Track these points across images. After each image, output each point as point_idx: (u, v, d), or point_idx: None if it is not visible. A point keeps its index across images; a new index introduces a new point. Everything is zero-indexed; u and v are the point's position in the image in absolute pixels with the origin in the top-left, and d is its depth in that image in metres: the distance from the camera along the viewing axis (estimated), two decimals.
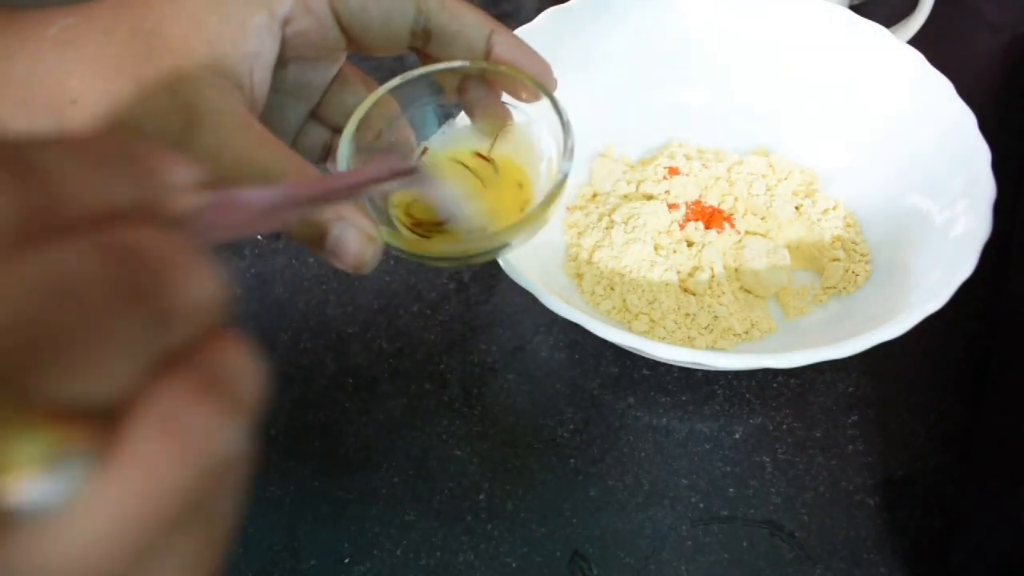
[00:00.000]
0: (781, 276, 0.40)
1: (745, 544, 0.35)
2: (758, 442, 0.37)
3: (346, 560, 0.35)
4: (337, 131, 0.31)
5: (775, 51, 0.45)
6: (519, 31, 0.40)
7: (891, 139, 0.42)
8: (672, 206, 0.42)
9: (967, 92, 0.39)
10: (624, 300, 0.39)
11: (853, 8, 0.47)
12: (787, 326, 0.40)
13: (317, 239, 0.23)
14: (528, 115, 0.29)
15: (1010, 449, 0.33)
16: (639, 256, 0.39)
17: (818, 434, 0.38)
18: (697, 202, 0.42)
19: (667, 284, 0.39)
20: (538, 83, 0.27)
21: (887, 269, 0.40)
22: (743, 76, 0.46)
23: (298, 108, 0.29)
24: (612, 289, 0.39)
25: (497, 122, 0.30)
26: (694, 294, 0.39)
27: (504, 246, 0.26)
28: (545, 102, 0.27)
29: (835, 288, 0.40)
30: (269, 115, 0.27)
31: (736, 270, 0.40)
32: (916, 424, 0.38)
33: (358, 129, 0.27)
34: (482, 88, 0.29)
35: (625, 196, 0.43)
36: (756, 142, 0.46)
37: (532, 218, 0.25)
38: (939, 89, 0.39)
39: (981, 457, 0.36)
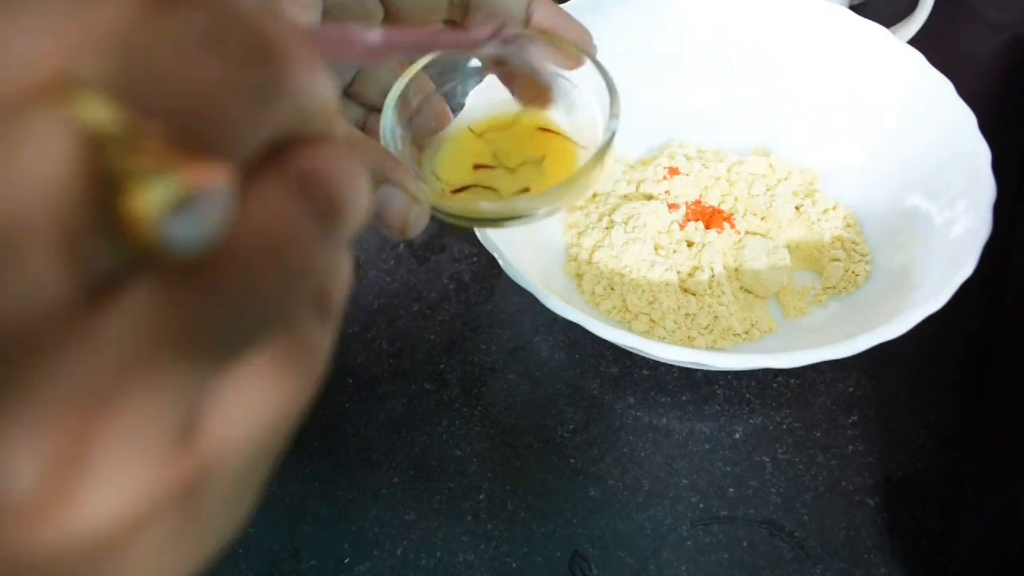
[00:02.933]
0: (781, 276, 0.40)
1: (745, 544, 0.35)
2: (758, 442, 0.37)
3: (346, 560, 0.35)
4: (372, 109, 0.30)
5: (775, 51, 0.45)
6: None
7: (891, 139, 0.42)
8: (672, 206, 0.42)
9: (967, 92, 0.39)
10: (624, 300, 0.39)
11: (853, 8, 0.47)
12: (787, 326, 0.40)
13: None
14: (570, 82, 0.29)
15: (1009, 449, 0.33)
16: (639, 256, 0.39)
17: (818, 434, 0.38)
18: (697, 202, 0.42)
19: (667, 284, 0.39)
20: (580, 48, 0.27)
21: (887, 269, 0.40)
22: (743, 76, 0.46)
23: None
24: (612, 289, 0.39)
25: (540, 90, 0.29)
26: (694, 294, 0.39)
27: (551, 205, 0.25)
28: (588, 67, 0.27)
29: (835, 288, 0.40)
30: None
31: (736, 270, 0.40)
32: (916, 424, 0.38)
33: (400, 97, 0.26)
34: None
35: (625, 196, 0.43)
36: (756, 142, 0.46)
37: (580, 175, 0.25)
38: (939, 89, 0.39)
39: (981, 457, 0.36)
